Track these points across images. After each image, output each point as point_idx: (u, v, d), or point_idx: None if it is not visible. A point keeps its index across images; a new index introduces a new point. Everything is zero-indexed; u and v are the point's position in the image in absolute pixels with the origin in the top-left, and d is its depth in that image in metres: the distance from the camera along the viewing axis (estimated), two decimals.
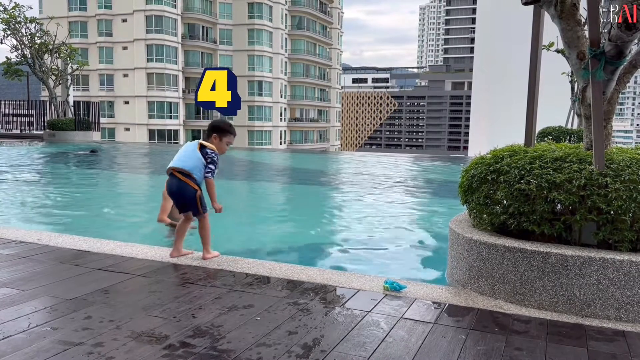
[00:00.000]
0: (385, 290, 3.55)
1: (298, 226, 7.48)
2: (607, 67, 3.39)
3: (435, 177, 14.21)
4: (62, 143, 21.45)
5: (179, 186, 4.22)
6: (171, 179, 4.28)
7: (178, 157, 4.28)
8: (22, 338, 2.72)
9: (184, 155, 4.27)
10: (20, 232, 5.14)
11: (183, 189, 4.21)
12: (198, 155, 4.22)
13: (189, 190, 4.20)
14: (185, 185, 4.19)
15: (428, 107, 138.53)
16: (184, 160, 4.23)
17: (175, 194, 4.30)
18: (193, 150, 4.26)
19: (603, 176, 3.25)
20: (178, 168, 4.21)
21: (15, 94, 42.05)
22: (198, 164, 4.20)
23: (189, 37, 58.13)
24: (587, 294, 3.17)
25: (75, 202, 9.07)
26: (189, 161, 4.22)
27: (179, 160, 4.24)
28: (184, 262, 4.16)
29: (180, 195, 4.26)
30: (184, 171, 4.19)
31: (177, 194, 4.29)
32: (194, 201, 4.22)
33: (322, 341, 2.76)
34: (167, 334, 2.80)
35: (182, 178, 4.20)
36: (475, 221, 3.87)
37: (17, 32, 23.43)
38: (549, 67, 7.95)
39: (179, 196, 4.28)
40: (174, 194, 4.32)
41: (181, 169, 4.20)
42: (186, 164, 4.20)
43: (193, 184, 4.20)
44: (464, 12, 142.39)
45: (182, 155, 4.29)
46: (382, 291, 3.55)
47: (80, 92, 50.82)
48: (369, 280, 3.78)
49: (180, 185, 4.21)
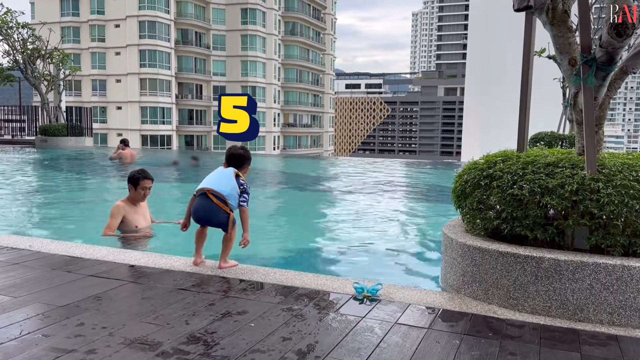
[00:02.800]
0: (364, 296, 3.53)
1: (292, 232, 7.47)
2: (598, 73, 3.42)
3: (428, 183, 14.24)
4: (54, 149, 21.33)
5: (212, 209, 4.12)
6: (203, 200, 4.16)
7: (214, 181, 4.19)
8: (13, 345, 2.70)
9: (221, 180, 4.18)
10: (12, 239, 5.10)
11: (216, 212, 4.12)
12: (234, 183, 4.16)
13: (222, 214, 4.13)
14: (219, 209, 4.11)
15: (421, 113, 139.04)
16: (220, 185, 4.15)
17: (205, 215, 4.18)
18: (230, 177, 4.19)
19: (595, 181, 3.27)
20: (214, 191, 4.12)
21: (7, 99, 41.87)
22: (233, 192, 4.14)
23: (182, 43, 58.09)
24: (580, 299, 3.18)
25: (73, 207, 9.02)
26: (226, 187, 4.14)
27: (216, 184, 4.15)
28: (178, 268, 4.14)
29: (210, 217, 4.17)
30: (220, 195, 4.11)
31: (207, 215, 4.17)
32: (227, 222, 4.15)
33: (317, 347, 2.76)
34: (161, 341, 2.78)
35: (215, 201, 4.11)
36: (468, 226, 3.89)
37: (9, 38, 23.32)
38: (540, 73, 8.02)
39: (209, 218, 4.19)
40: (203, 216, 4.19)
41: (218, 193, 4.12)
42: (224, 190, 4.12)
43: (226, 209, 4.13)
44: (456, 18, 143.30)
45: (218, 179, 4.20)
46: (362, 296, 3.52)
47: (73, 98, 50.55)
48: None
49: (213, 208, 4.12)
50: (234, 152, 4.39)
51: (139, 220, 5.93)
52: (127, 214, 5.89)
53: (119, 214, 5.86)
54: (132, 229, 5.86)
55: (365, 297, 3.52)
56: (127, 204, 5.97)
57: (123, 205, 5.94)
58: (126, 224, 5.88)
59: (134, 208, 5.97)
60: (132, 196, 6.01)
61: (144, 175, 6.02)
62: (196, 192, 4.24)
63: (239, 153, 4.38)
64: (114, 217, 5.84)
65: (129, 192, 6.03)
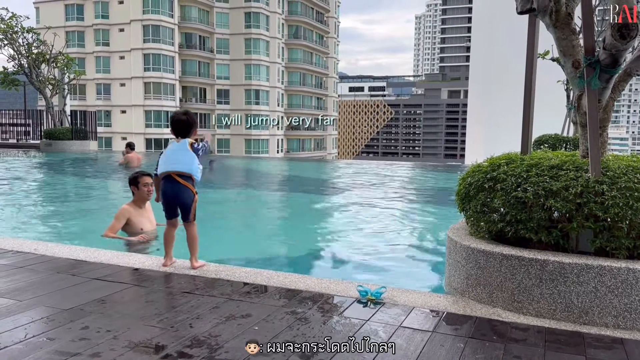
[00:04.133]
0: (368, 299, 3.52)
1: (295, 235, 7.47)
2: (602, 75, 3.41)
3: (432, 185, 14.22)
4: (59, 152, 21.41)
5: (180, 190, 4.07)
6: (168, 183, 4.10)
7: (175, 159, 4.10)
8: (18, 349, 2.70)
9: (181, 158, 4.09)
10: (17, 242, 5.12)
11: (183, 193, 4.08)
12: (192, 155, 4.09)
13: (189, 195, 4.10)
14: (186, 190, 4.08)
15: (425, 115, 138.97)
16: (183, 162, 4.08)
17: (174, 198, 4.13)
18: (186, 149, 4.10)
19: (599, 184, 3.26)
20: (179, 171, 4.06)
21: (12, 103, 42.07)
22: (194, 165, 4.10)
23: (186, 47, 58.32)
24: (585, 302, 3.17)
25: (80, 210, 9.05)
26: (187, 164, 4.08)
27: (178, 164, 4.08)
28: (182, 271, 4.15)
29: (179, 200, 4.12)
30: (185, 174, 4.07)
31: (175, 198, 4.12)
32: (191, 205, 4.12)
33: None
34: (165, 344, 2.79)
35: (182, 182, 4.07)
36: (472, 229, 3.88)
37: (14, 42, 23.42)
38: (544, 75, 7.99)
39: (178, 201, 4.13)
40: (172, 199, 4.14)
41: (184, 172, 4.06)
42: (187, 168, 4.07)
43: (193, 188, 4.12)
44: (460, 21, 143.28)
45: (178, 157, 4.10)
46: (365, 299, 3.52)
47: (77, 102, 50.81)
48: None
49: (181, 189, 4.07)
50: (178, 118, 4.23)
51: (144, 223, 5.96)
52: (132, 216, 5.93)
53: (123, 216, 5.90)
54: (137, 231, 5.89)
55: (369, 300, 3.51)
56: (133, 207, 6.02)
57: (128, 208, 5.99)
58: (131, 226, 5.92)
59: (139, 211, 6.02)
60: (137, 197, 6.08)
61: (141, 173, 6.15)
62: (160, 175, 4.15)
63: (182, 119, 4.23)
64: (117, 219, 5.91)
65: (133, 195, 6.09)
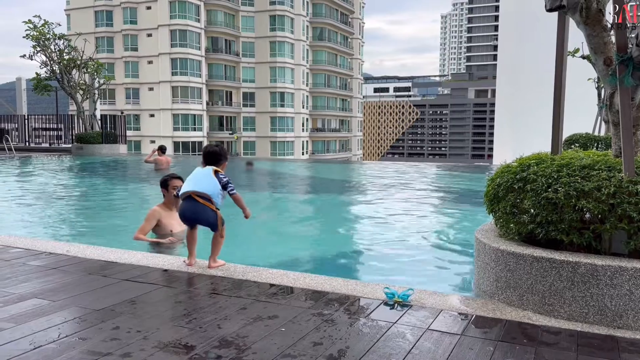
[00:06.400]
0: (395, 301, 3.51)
1: (322, 236, 7.47)
2: (635, 72, 3.32)
3: (459, 186, 14.06)
4: (90, 156, 21.89)
5: (198, 209, 4.27)
6: (188, 203, 4.30)
7: (195, 182, 4.32)
8: (52, 348, 2.77)
9: (201, 181, 4.31)
10: (51, 244, 5.25)
11: (203, 212, 4.27)
12: (215, 181, 4.28)
13: (210, 213, 4.27)
14: (206, 208, 4.26)
15: (451, 116, 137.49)
16: (202, 185, 4.28)
17: (193, 217, 4.34)
18: (210, 175, 4.30)
19: (633, 184, 3.18)
20: (199, 192, 4.26)
21: (45, 108, 43.22)
22: (216, 190, 4.27)
23: (212, 51, 59.01)
24: (619, 305, 3.09)
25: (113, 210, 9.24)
26: (208, 186, 4.27)
27: (198, 185, 4.29)
28: (209, 272, 4.19)
29: (198, 217, 4.32)
30: (205, 195, 4.25)
31: (195, 217, 4.33)
32: (215, 221, 4.29)
33: (348, 352, 2.75)
34: (194, 344, 2.82)
35: (201, 201, 4.25)
36: (501, 230, 3.82)
37: (46, 49, 24.08)
38: (574, 73, 7.84)
39: (197, 218, 4.34)
40: (191, 218, 4.36)
41: (202, 193, 4.25)
42: (207, 189, 4.26)
43: (212, 207, 4.27)
44: (486, 19, 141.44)
45: (199, 180, 4.32)
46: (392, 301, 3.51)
47: (107, 106, 51.87)
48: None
49: (199, 209, 4.26)
50: (210, 150, 4.49)
51: (174, 225, 6.04)
52: (163, 218, 6.03)
53: (154, 218, 6.00)
54: (167, 232, 5.99)
55: (396, 303, 3.49)
56: (163, 209, 6.12)
57: (159, 210, 6.09)
58: (161, 227, 6.02)
59: (169, 213, 6.11)
60: (167, 200, 6.18)
61: (172, 176, 6.30)
62: (180, 196, 4.37)
63: (214, 150, 4.47)
64: (148, 220, 6.01)
65: (164, 197, 6.19)
